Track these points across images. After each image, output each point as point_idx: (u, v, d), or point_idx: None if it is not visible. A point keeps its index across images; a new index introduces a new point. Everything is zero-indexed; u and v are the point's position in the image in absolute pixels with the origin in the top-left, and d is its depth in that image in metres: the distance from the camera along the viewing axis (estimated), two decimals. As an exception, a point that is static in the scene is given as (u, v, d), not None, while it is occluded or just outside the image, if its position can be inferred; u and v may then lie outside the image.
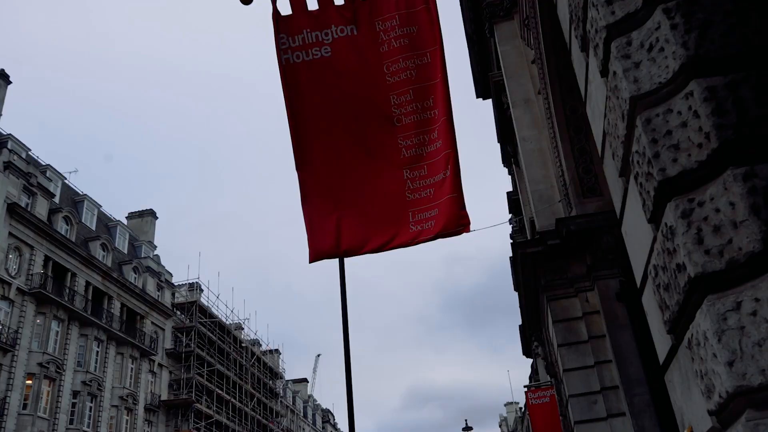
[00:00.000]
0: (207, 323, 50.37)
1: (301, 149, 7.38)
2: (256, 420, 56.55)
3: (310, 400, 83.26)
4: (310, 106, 7.35)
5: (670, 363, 2.77)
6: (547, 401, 13.82)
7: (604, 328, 9.79)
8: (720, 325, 2.05)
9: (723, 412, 2.12)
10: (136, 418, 41.62)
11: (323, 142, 7.39)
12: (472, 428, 39.18)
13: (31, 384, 33.35)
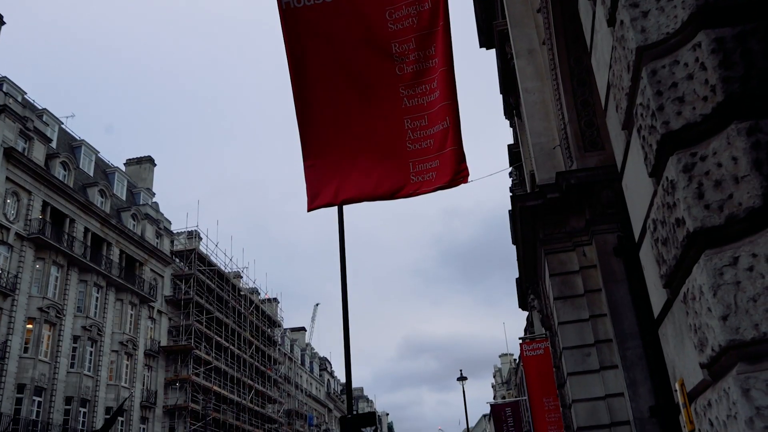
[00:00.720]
0: (206, 271, 50.76)
1: (302, 98, 7.31)
2: (254, 367, 57.56)
3: (307, 348, 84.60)
4: (310, 53, 7.25)
5: (665, 317, 2.79)
6: (542, 353, 14.03)
7: (601, 282, 9.87)
8: (716, 279, 2.05)
9: (714, 365, 2.14)
10: (136, 363, 42.33)
11: (324, 90, 7.32)
12: (467, 378, 39.97)
13: (32, 328, 33.80)
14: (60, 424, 34.35)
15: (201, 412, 44.51)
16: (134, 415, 41.18)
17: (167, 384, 45.61)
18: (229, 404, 50.96)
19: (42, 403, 33.68)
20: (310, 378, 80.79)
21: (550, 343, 13.21)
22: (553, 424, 13.50)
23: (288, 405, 66.60)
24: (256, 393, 56.92)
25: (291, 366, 71.36)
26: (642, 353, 9.02)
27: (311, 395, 78.02)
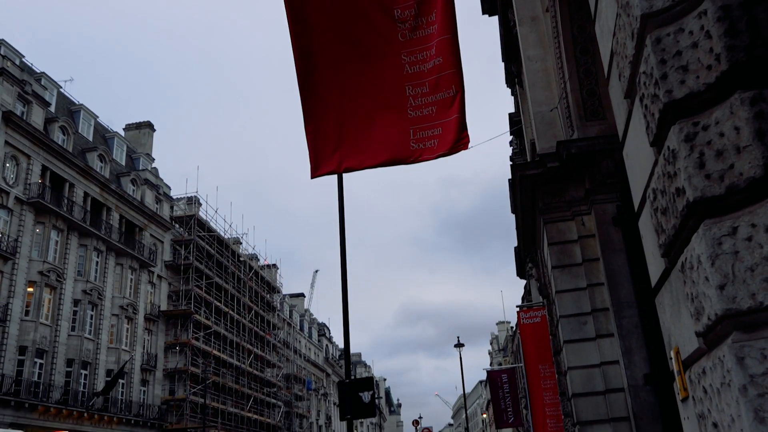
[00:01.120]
0: (205, 237, 50.91)
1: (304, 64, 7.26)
2: (253, 331, 58.10)
3: (306, 314, 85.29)
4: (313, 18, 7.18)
5: (662, 286, 2.81)
6: (538, 321, 14.15)
7: (599, 251, 9.91)
8: (714, 249, 2.06)
9: (710, 333, 2.16)
10: (137, 327, 42.70)
11: (327, 56, 7.27)
12: (464, 345, 40.39)
13: (33, 292, 34.01)
14: (61, 385, 34.79)
15: (201, 375, 45.05)
16: (135, 378, 41.70)
17: (167, 348, 46.08)
18: (228, 368, 51.57)
19: (43, 365, 34.07)
20: (309, 343, 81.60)
21: (547, 311, 13.32)
22: (548, 391, 13.68)
23: (287, 369, 67.39)
24: (255, 357, 57.56)
25: (290, 331, 72.01)
26: (638, 322, 9.10)
27: (310, 360, 78.88)
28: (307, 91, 7.28)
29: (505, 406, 24.07)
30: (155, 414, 42.83)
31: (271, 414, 60.50)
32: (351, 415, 14.34)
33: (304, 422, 72.09)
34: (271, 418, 59.62)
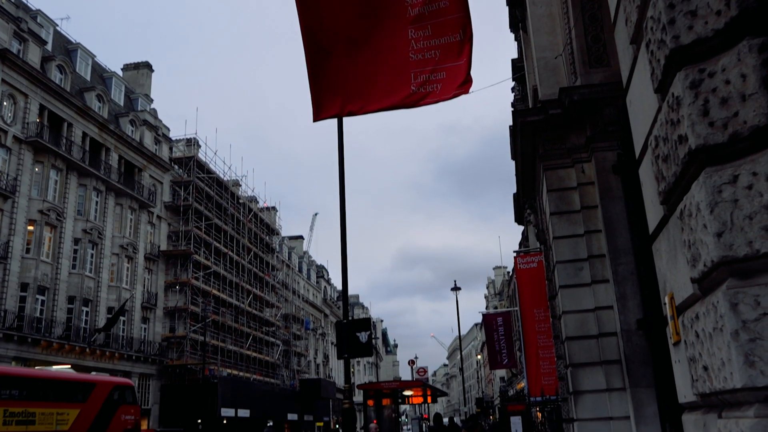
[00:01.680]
0: (205, 179, 50.86)
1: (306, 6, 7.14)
2: (252, 272, 58.70)
3: (305, 256, 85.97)
4: None
5: (659, 233, 2.83)
6: (535, 266, 14.30)
7: (597, 198, 9.94)
8: (714, 197, 2.07)
9: (705, 280, 2.19)
10: (137, 266, 43.10)
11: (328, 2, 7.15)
12: (461, 288, 40.90)
13: (33, 230, 34.18)
14: (63, 322, 35.35)
15: (200, 314, 45.74)
16: (135, 315, 42.35)
17: (167, 287, 46.63)
18: (228, 307, 52.32)
19: (45, 302, 34.54)
20: (307, 285, 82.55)
21: (544, 257, 13.45)
22: (542, 334, 13.94)
23: (285, 309, 68.38)
24: (254, 297, 58.32)
25: (288, 273, 72.74)
26: (633, 269, 9.20)
27: (308, 301, 79.96)
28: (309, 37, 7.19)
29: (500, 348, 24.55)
30: (156, 350, 43.67)
31: (270, 352, 61.73)
32: (348, 354, 14.66)
33: (302, 360, 73.60)
34: (269, 356, 60.87)
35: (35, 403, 20.62)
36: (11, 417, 19.39)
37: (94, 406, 23.50)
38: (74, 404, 22.55)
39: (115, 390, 25.44)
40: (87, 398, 23.39)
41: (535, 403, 15.21)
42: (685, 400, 2.70)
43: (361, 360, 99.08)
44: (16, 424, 19.58)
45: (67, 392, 22.81)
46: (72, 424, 21.97)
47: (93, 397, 23.63)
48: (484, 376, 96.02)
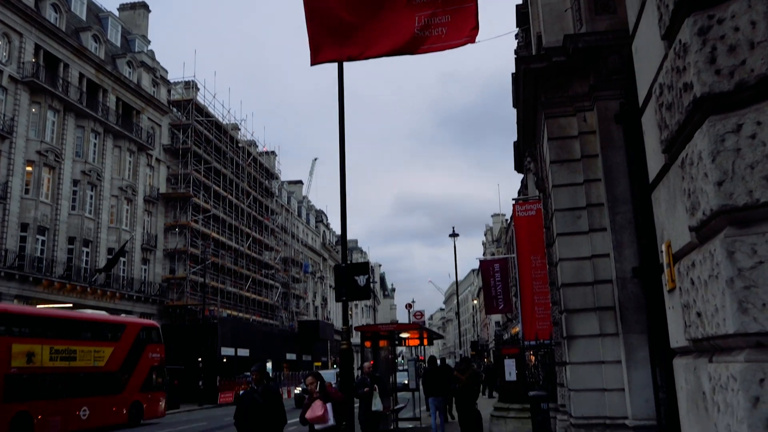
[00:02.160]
0: (203, 122, 50.48)
1: None
2: (252, 216, 58.91)
3: (304, 200, 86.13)
4: None
5: (659, 181, 2.84)
6: (533, 214, 14.34)
7: (598, 147, 9.91)
8: (717, 145, 2.07)
9: (703, 228, 2.21)
10: (136, 208, 43.21)
11: None
12: (459, 235, 41.11)
13: (32, 171, 34.13)
14: (64, 262, 35.66)
15: (200, 256, 46.10)
16: (136, 257, 42.69)
17: (167, 229, 46.86)
18: (227, 250, 52.71)
19: (45, 242, 34.77)
20: (306, 229, 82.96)
21: (543, 205, 13.48)
22: (538, 280, 14.10)
23: (284, 253, 68.91)
24: (253, 241, 58.69)
25: (288, 217, 73.00)
26: (631, 218, 9.24)
27: (307, 245, 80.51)
28: None
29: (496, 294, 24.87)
30: (156, 291, 44.20)
31: (269, 294, 62.52)
32: (346, 296, 14.86)
33: (301, 303, 74.60)
34: (269, 298, 61.67)
35: (75, 342, 22.97)
36: (56, 354, 21.79)
37: (125, 345, 25.81)
38: (108, 343, 24.90)
39: (143, 330, 27.57)
40: (119, 338, 25.67)
41: (529, 347, 15.51)
42: (677, 345, 2.76)
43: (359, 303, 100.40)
44: (60, 360, 22.00)
45: (102, 332, 25.17)
46: (107, 361, 24.43)
47: (124, 337, 25.90)
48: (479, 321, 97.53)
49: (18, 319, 21.33)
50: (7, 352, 19.88)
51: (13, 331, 20.58)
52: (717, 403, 2.12)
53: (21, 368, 20.27)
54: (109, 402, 24.53)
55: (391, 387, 16.68)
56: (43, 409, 21.04)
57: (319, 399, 7.05)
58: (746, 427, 1.89)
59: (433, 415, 15.38)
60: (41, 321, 22.43)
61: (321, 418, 6.98)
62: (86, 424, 23.06)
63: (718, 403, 2.11)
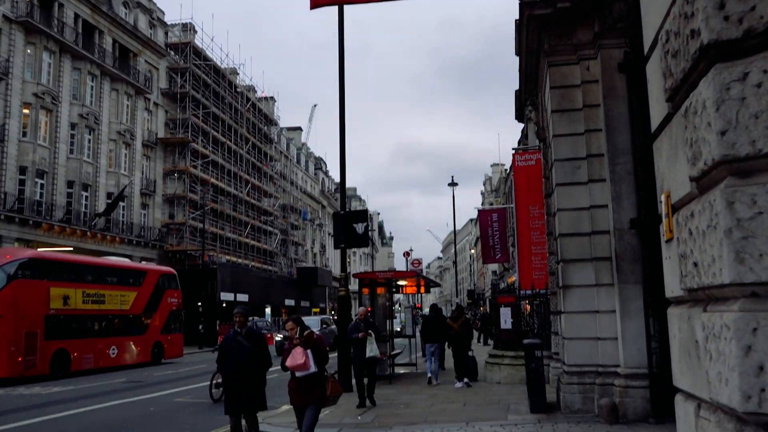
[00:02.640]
0: (201, 65, 49.78)
1: None
2: (250, 162, 58.70)
3: (303, 147, 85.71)
4: None
5: (662, 131, 2.81)
6: (533, 164, 14.29)
7: (600, 97, 9.82)
8: (722, 94, 2.04)
9: (704, 178, 2.20)
10: (135, 153, 43.01)
11: None
12: (457, 184, 41.09)
13: (29, 113, 33.82)
14: (63, 205, 35.70)
15: (199, 201, 46.14)
16: (135, 201, 42.73)
17: (166, 174, 46.75)
18: (226, 196, 52.73)
19: (44, 186, 34.73)
20: (305, 176, 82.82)
21: (543, 155, 13.42)
22: (536, 230, 14.15)
23: (283, 200, 68.98)
24: (252, 187, 58.64)
25: (287, 164, 72.78)
26: (631, 169, 9.23)
27: (306, 192, 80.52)
28: None
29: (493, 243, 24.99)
30: (156, 236, 44.40)
31: (268, 241, 62.86)
32: (345, 244, 14.96)
33: (300, 250, 75.09)
34: (268, 245, 62.04)
35: (104, 287, 25.10)
36: (88, 297, 23.95)
37: (147, 290, 27.82)
38: (132, 288, 26.93)
39: (162, 277, 29.48)
40: (141, 283, 27.64)
41: (525, 297, 15.67)
42: (672, 294, 2.78)
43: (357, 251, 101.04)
44: (91, 303, 24.18)
45: (127, 278, 27.07)
46: (132, 305, 26.56)
47: (145, 283, 27.90)
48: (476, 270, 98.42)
49: (54, 265, 23.15)
50: (46, 295, 21.90)
51: (50, 275, 22.41)
52: (709, 352, 2.15)
53: (58, 310, 22.28)
54: (134, 342, 26.67)
55: (388, 334, 16.92)
56: (78, 347, 23.13)
57: (299, 346, 6.72)
58: (737, 374, 1.92)
59: (429, 361, 15.67)
60: (74, 267, 24.36)
61: (302, 366, 6.67)
62: (115, 362, 25.22)
63: (710, 352, 2.14)
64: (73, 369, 22.69)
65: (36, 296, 21.47)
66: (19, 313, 20.76)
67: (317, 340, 6.91)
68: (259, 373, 7.62)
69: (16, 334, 20.53)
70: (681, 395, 2.67)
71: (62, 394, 16.90)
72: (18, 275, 21.10)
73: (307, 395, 6.86)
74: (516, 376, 14.13)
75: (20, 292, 20.94)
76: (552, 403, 10.48)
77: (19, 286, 20.99)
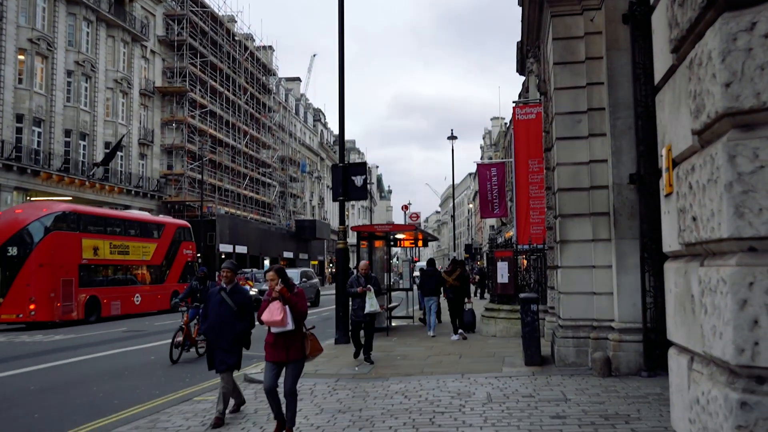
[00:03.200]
0: (199, 12, 48.90)
1: None
2: (249, 113, 58.21)
3: (302, 98, 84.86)
4: None
5: (665, 83, 2.76)
6: (533, 118, 14.17)
7: (603, 49, 9.67)
8: (728, 45, 1.99)
9: (706, 131, 2.17)
10: (132, 102, 42.59)
11: None
12: (457, 137, 40.87)
13: (24, 59, 33.34)
14: (61, 154, 35.53)
15: (197, 152, 45.91)
16: (133, 151, 42.52)
17: (163, 124, 46.40)
18: (224, 147, 52.45)
19: (42, 134, 34.49)
20: (304, 127, 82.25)
21: (543, 108, 13.29)
22: (534, 185, 14.13)
23: (282, 152, 68.66)
24: (251, 139, 58.29)
25: (285, 115, 72.18)
26: (632, 123, 9.15)
27: (304, 144, 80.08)
28: None
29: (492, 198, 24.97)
30: (154, 186, 44.33)
31: (267, 193, 62.82)
32: (344, 196, 14.94)
33: (298, 202, 75.13)
34: (266, 197, 62.01)
35: (128, 238, 27.25)
36: (114, 248, 26.06)
37: (166, 242, 29.97)
38: (152, 240, 29.05)
39: (179, 230, 31.43)
40: (160, 235, 29.74)
41: (522, 251, 15.73)
42: (669, 249, 2.77)
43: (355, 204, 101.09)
44: (117, 253, 26.38)
45: (148, 231, 29.13)
46: (152, 256, 28.72)
47: (164, 235, 30.00)
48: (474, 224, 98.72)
49: (85, 218, 25.14)
50: (79, 245, 24.00)
51: (82, 228, 24.49)
52: (705, 306, 2.15)
53: (89, 260, 24.48)
54: (155, 291, 28.70)
55: (386, 287, 17.05)
56: (107, 295, 25.28)
57: (279, 300, 6.29)
58: (732, 328, 1.92)
59: (428, 314, 15.88)
60: (103, 219, 26.60)
61: (279, 322, 6.26)
62: (139, 308, 27.25)
63: (705, 306, 2.14)
64: (104, 315, 24.70)
65: (70, 247, 23.39)
66: (56, 262, 22.58)
67: (297, 295, 6.42)
68: (238, 332, 7.31)
69: (54, 281, 22.36)
70: (675, 349, 2.69)
71: (63, 342, 17.16)
72: (54, 227, 22.92)
73: (284, 352, 6.38)
74: (511, 330, 14.30)
75: (56, 243, 22.75)
76: (546, 357, 10.63)
77: (55, 238, 22.79)
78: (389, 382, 9.29)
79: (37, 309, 21.61)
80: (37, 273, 22.01)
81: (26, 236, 22.57)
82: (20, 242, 22.44)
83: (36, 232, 22.57)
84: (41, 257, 22.17)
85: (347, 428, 6.72)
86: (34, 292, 21.73)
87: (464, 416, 7.01)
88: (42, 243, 22.37)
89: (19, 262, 22.17)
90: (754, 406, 1.87)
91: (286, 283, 6.38)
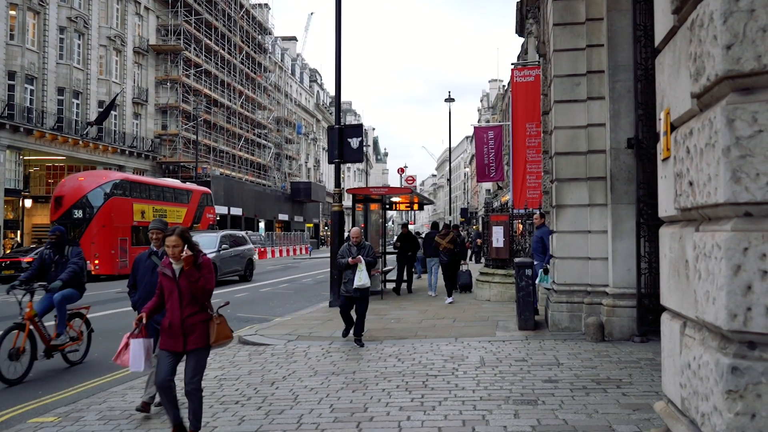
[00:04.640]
0: (193, -31, 47.94)
1: None
2: (244, 73, 57.55)
3: (298, 58, 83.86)
4: None
5: (666, 45, 2.71)
6: (532, 80, 14.04)
7: (604, 10, 9.52)
8: (730, 5, 1.94)
9: (706, 94, 2.13)
10: (126, 60, 42.02)
11: None
12: (454, 100, 40.57)
13: (15, 15, 32.76)
14: (54, 113, 35.16)
15: (192, 112, 45.51)
16: (127, 111, 42.11)
17: (158, 83, 45.88)
18: (219, 107, 52.00)
19: (34, 92, 34.08)
20: (300, 88, 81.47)
21: (542, 71, 13.15)
22: (531, 149, 14.07)
23: (277, 113, 68.12)
24: (246, 99, 57.76)
25: (281, 75, 71.43)
26: (631, 86, 9.05)
27: (300, 105, 79.43)
28: None
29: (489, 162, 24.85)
30: (149, 146, 44.04)
31: (262, 154, 62.52)
32: (339, 158, 14.85)
33: (294, 164, 74.84)
34: (261, 158, 61.72)
35: (166, 203, 30.70)
36: (156, 212, 28.69)
37: (194, 207, 33.82)
38: (183, 204, 32.72)
39: (203, 196, 35.29)
40: (189, 200, 33.45)
41: (518, 216, 15.74)
42: (665, 214, 2.76)
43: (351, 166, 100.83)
44: (159, 216, 27.21)
45: (181, 196, 32.73)
46: (183, 219, 31.67)
47: (192, 200, 33.80)
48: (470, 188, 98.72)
49: (135, 185, 29.05)
50: (131, 209, 27.56)
51: (134, 194, 28.21)
52: (699, 271, 2.14)
53: (139, 222, 27.63)
54: None
55: (381, 251, 17.08)
56: None
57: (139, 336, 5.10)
58: (725, 293, 1.91)
59: (429, 273, 16.19)
60: (147, 187, 30.18)
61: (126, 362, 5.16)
62: None
63: (699, 271, 2.13)
64: None
65: (124, 210, 27.05)
66: (115, 223, 26.35)
67: (200, 268, 4.90)
68: None
69: (113, 240, 26.12)
70: (668, 314, 2.69)
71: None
72: (112, 194, 26.67)
73: (182, 339, 4.88)
74: (505, 294, 14.38)
75: (114, 207, 26.54)
76: (540, 321, 10.71)
77: (114, 202, 26.57)
78: (383, 345, 9.36)
79: (100, 263, 25.18)
80: (100, 233, 25.65)
81: (90, 201, 26.07)
82: (85, 206, 25.99)
83: (98, 198, 26.17)
84: (103, 219, 25.87)
85: (340, 390, 6.78)
86: (98, 249, 25.21)
87: (457, 379, 7.07)
88: (104, 207, 26.06)
89: (85, 223, 25.68)
90: (744, 371, 1.87)
91: (192, 249, 4.89)
